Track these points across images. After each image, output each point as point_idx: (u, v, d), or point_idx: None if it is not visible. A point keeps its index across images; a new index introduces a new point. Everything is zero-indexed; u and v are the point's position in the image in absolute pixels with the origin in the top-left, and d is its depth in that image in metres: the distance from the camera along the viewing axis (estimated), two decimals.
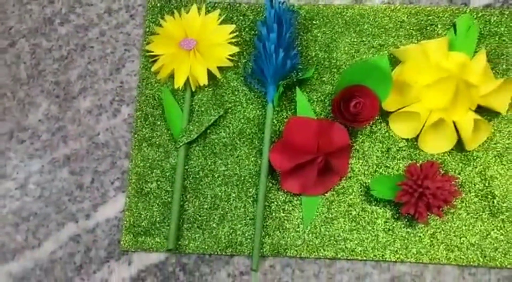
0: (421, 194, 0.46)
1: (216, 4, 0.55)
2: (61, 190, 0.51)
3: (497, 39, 0.53)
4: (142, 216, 0.49)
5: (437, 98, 0.49)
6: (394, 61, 0.52)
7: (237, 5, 0.55)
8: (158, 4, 0.56)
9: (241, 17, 0.55)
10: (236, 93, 0.53)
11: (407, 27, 0.54)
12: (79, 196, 0.50)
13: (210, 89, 0.53)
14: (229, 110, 0.52)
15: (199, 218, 0.49)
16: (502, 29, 0.53)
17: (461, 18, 0.52)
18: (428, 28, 0.54)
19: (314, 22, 0.54)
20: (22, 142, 0.52)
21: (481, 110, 0.50)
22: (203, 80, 0.52)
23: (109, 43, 0.55)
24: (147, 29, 0.55)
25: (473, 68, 0.50)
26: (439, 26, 0.54)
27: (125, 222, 0.49)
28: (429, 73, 0.50)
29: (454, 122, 0.49)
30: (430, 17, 0.54)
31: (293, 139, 0.49)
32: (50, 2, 0.56)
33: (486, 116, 0.51)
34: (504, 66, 0.53)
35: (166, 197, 0.50)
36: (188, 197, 0.50)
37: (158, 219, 0.49)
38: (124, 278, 0.48)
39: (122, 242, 0.49)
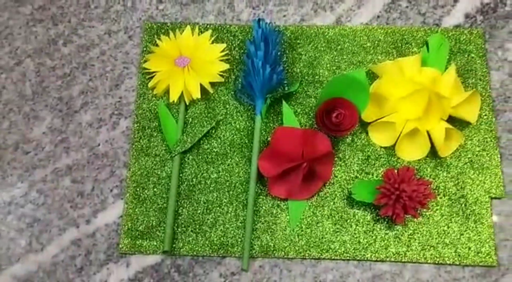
0: (398, 196, 0.50)
1: (208, 25, 0.60)
2: (63, 197, 0.54)
3: (466, 56, 0.57)
4: (140, 220, 0.53)
5: (411, 110, 0.53)
6: (372, 76, 0.57)
7: (228, 26, 0.60)
8: (154, 26, 0.60)
9: (231, 37, 0.59)
10: (227, 106, 0.57)
11: (384, 45, 0.58)
12: (80, 203, 0.54)
13: (202, 103, 0.57)
14: (221, 122, 0.56)
15: (193, 222, 0.53)
16: (471, 47, 0.58)
17: (433, 37, 0.57)
18: (403, 46, 0.58)
19: (298, 41, 0.59)
20: (27, 153, 0.55)
21: (453, 120, 0.54)
22: (196, 94, 0.56)
23: (109, 62, 0.59)
24: (144, 49, 0.59)
25: (444, 82, 0.54)
26: (413, 44, 0.58)
27: (123, 227, 0.52)
28: (404, 86, 0.53)
29: (428, 132, 0.53)
30: (405, 36, 0.58)
31: (280, 148, 0.52)
32: (54, 24, 0.61)
33: (458, 126, 0.54)
34: (473, 80, 0.57)
35: (162, 203, 0.53)
36: (182, 202, 0.53)
37: (154, 223, 0.53)
38: (122, 279, 0.51)
39: (120, 245, 0.52)
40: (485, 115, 0.55)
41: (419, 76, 0.54)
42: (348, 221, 0.52)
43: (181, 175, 0.54)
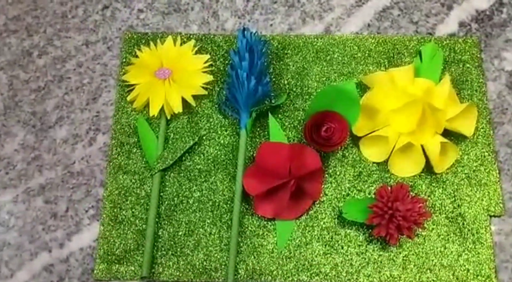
0: (391, 215, 0.47)
1: (191, 35, 0.57)
2: (35, 219, 0.50)
3: (461, 66, 0.55)
4: (116, 244, 0.49)
5: (404, 122, 0.50)
6: (363, 88, 0.54)
7: (211, 36, 0.57)
8: (135, 36, 0.57)
9: (215, 48, 0.57)
10: (210, 120, 0.54)
11: (375, 55, 0.56)
12: (53, 225, 0.50)
13: (185, 117, 0.54)
14: (204, 137, 0.53)
15: (174, 245, 0.49)
16: (466, 56, 0.55)
17: (426, 47, 0.54)
18: (395, 56, 0.56)
19: (286, 51, 0.56)
20: None
21: (448, 134, 0.51)
22: (178, 108, 0.53)
23: (86, 74, 0.56)
24: (124, 60, 0.56)
25: (438, 93, 0.51)
26: (406, 54, 0.56)
27: (99, 251, 0.49)
28: (396, 98, 0.51)
29: (422, 146, 0.51)
30: (397, 46, 0.56)
31: (265, 164, 0.49)
32: (29, 35, 0.58)
33: (454, 140, 0.52)
34: (468, 91, 0.54)
35: (140, 224, 0.50)
36: (162, 224, 0.50)
37: (132, 247, 0.49)
38: None
39: (95, 271, 0.48)
40: (482, 128, 0.53)
41: (412, 87, 0.52)
42: (339, 241, 0.49)
43: (161, 194, 0.51)
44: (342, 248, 0.49)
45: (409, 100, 0.50)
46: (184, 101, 0.53)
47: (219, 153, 0.52)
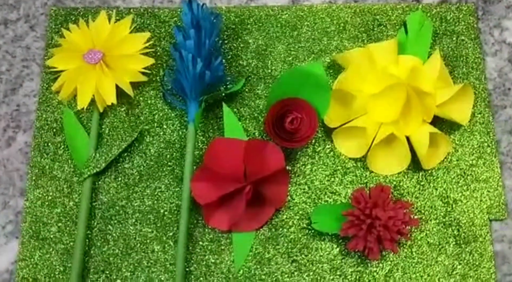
0: (370, 225, 0.39)
1: (131, 10, 0.48)
2: None
3: (454, 39, 0.47)
4: (39, 266, 0.41)
5: (386, 110, 0.43)
6: (337, 68, 0.46)
7: (156, 10, 0.48)
8: (63, 12, 0.48)
9: (160, 24, 0.48)
10: (153, 112, 0.45)
11: (351, 28, 0.47)
12: None
13: (122, 109, 0.45)
14: (146, 133, 0.45)
15: (109, 266, 0.41)
16: (460, 27, 0.48)
17: (413, 16, 0.47)
18: (375, 29, 0.48)
19: (245, 26, 0.48)
20: None
21: (439, 122, 0.44)
22: (111, 98, 0.44)
23: (4, 60, 0.47)
24: (50, 42, 0.47)
25: (427, 73, 0.43)
26: (388, 26, 0.48)
27: (18, 275, 0.41)
28: (376, 81, 0.43)
29: (407, 138, 0.43)
30: (377, 17, 0.48)
31: (216, 166, 0.41)
32: None
33: (446, 129, 0.44)
34: (463, 69, 0.46)
35: (68, 242, 0.42)
36: (95, 240, 0.42)
37: (58, 270, 0.41)
38: None
39: None
40: (480, 113, 0.45)
41: (395, 66, 0.44)
42: (309, 256, 0.41)
43: (93, 203, 0.43)
44: (313, 264, 0.41)
45: (391, 82, 0.42)
46: (120, 90, 0.44)
47: (164, 152, 0.44)
